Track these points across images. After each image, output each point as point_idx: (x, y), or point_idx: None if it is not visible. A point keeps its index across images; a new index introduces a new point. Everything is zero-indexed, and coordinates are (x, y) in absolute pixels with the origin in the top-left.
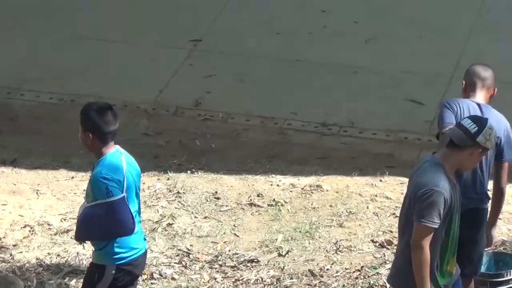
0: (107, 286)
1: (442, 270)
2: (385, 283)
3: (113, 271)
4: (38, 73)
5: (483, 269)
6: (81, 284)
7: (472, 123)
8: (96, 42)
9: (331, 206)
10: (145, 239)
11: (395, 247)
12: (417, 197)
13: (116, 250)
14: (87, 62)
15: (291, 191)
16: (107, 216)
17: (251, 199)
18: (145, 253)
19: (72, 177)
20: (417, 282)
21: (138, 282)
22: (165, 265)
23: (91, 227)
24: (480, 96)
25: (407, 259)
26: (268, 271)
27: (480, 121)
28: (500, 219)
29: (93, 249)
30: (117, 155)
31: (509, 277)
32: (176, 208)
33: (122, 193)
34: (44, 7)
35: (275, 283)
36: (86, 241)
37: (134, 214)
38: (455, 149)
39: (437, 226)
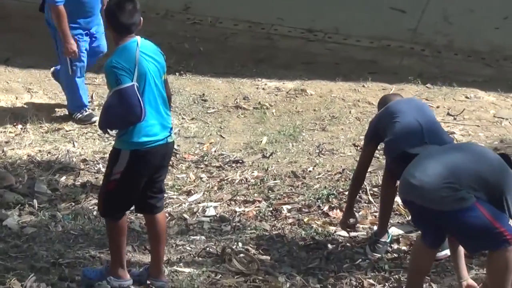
0: (122, 169)
1: None
2: (365, 185)
3: (128, 156)
4: None
5: None
6: (71, 180)
7: None
8: None
9: (314, 110)
10: (170, 132)
11: None
12: None
13: (132, 136)
14: None
15: (276, 95)
16: (118, 104)
17: (237, 102)
18: (166, 144)
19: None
20: None
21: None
22: None
23: (108, 115)
24: None
25: None
26: (252, 172)
27: None
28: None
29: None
30: (131, 45)
31: None
32: None
33: (132, 81)
34: None
35: (259, 183)
36: (108, 130)
37: (145, 102)
38: None
39: None
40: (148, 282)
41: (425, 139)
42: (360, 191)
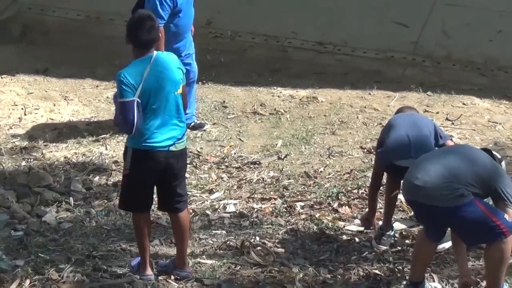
0: (129, 166)
1: None
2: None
3: (131, 153)
4: None
5: None
6: (104, 180)
7: None
8: None
9: (325, 115)
10: (175, 141)
11: None
12: None
13: (135, 137)
14: None
15: (290, 102)
16: (119, 113)
17: (254, 108)
18: (168, 152)
19: (97, 86)
20: None
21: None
22: None
23: (114, 120)
24: None
25: None
26: (269, 172)
27: None
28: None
29: None
30: (145, 60)
31: None
32: None
33: (133, 97)
34: None
35: (274, 182)
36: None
37: (150, 113)
38: None
39: None
40: (174, 272)
41: (411, 153)
42: (367, 189)
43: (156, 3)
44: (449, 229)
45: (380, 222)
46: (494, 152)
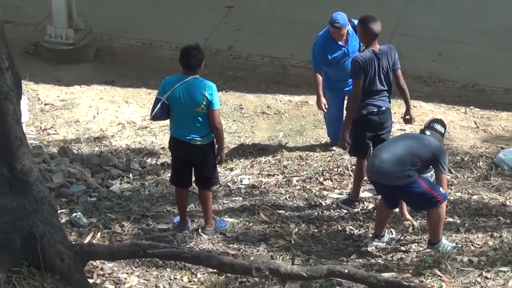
0: (168, 145)
1: None
2: (347, 166)
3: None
4: (127, 26)
5: None
6: (154, 161)
7: None
8: (164, 6)
9: (314, 115)
10: (187, 136)
11: None
12: None
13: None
14: (158, 20)
15: (288, 105)
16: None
17: (263, 110)
18: (185, 142)
19: (149, 93)
20: None
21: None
22: None
23: None
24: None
25: None
26: (273, 156)
27: None
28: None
29: None
30: (181, 78)
31: None
32: None
33: (162, 97)
34: None
35: (277, 163)
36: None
37: (172, 115)
38: None
39: None
40: (201, 230)
41: None
42: (344, 168)
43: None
44: None
45: (351, 191)
46: (436, 126)
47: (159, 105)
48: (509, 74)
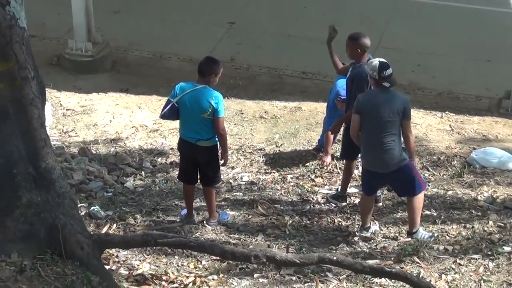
0: (177, 146)
1: None
2: (335, 164)
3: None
4: (140, 40)
5: None
6: (164, 160)
7: None
8: (173, 22)
9: (306, 119)
10: (194, 140)
11: None
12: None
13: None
14: (168, 34)
15: (284, 110)
16: None
17: (261, 114)
18: (191, 143)
19: (160, 100)
20: None
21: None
22: None
23: None
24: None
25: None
26: (270, 155)
27: None
28: None
29: None
30: (193, 85)
31: None
32: None
33: (173, 99)
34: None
35: (273, 162)
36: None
37: (180, 117)
38: None
39: None
40: (206, 221)
41: None
42: (335, 166)
43: None
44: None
45: (339, 187)
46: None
47: (169, 106)
48: (480, 83)
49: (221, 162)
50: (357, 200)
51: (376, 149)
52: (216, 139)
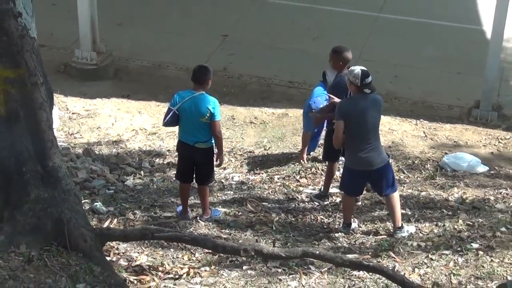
0: (176, 148)
1: None
2: (321, 164)
3: (177, 141)
4: (141, 51)
5: None
6: (161, 160)
7: None
8: (171, 34)
9: (293, 125)
10: (193, 142)
11: None
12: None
13: (178, 133)
14: (166, 45)
15: (272, 116)
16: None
17: (251, 120)
18: (189, 145)
19: (158, 105)
20: None
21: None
22: None
23: None
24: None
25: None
26: (259, 158)
27: None
28: None
29: None
30: (191, 92)
31: None
32: None
33: (173, 107)
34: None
35: (262, 164)
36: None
37: (180, 123)
38: None
39: None
40: (200, 217)
41: None
42: (318, 168)
43: None
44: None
45: (322, 187)
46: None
47: (170, 114)
48: (452, 93)
49: (217, 162)
50: (338, 199)
51: (366, 150)
52: (213, 141)
